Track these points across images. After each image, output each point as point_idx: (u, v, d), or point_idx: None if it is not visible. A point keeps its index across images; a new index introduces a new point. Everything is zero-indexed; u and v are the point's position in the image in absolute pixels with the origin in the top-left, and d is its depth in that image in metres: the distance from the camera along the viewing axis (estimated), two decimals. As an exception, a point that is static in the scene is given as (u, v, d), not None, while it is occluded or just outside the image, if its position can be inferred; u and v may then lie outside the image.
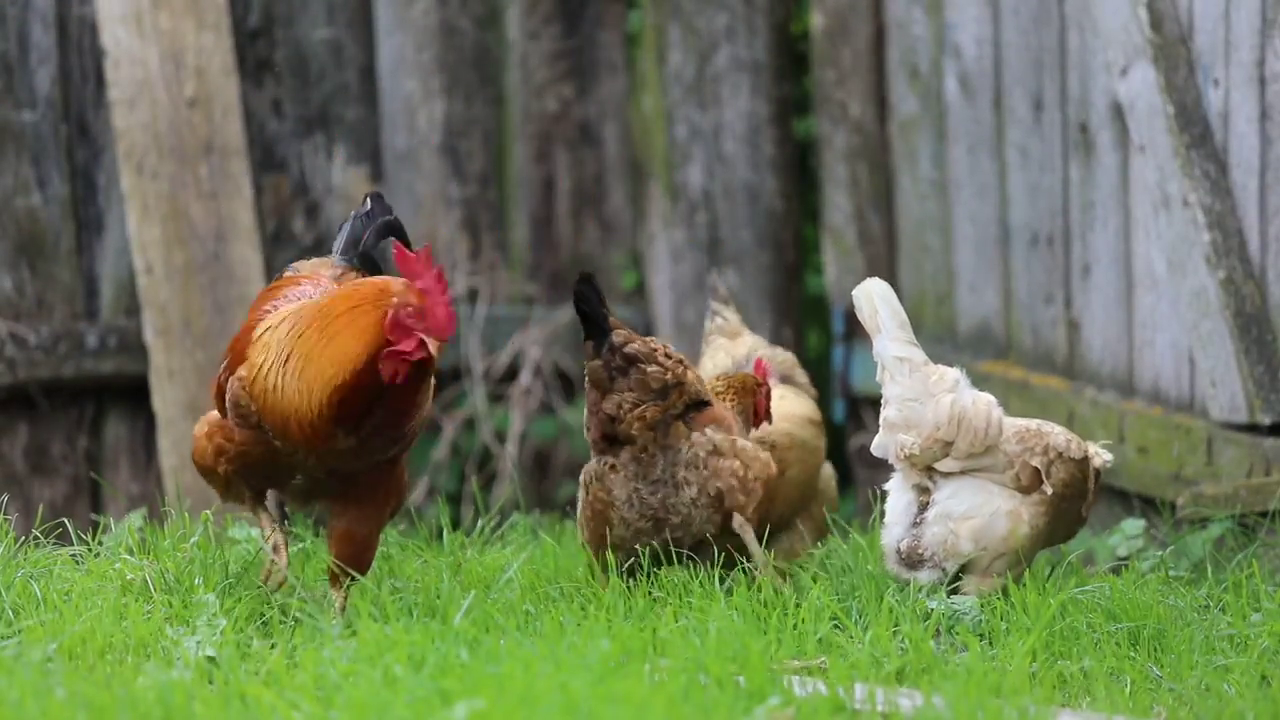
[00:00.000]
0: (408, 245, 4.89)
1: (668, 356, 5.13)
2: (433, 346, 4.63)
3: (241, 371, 4.78)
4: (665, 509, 5.12)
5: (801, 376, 5.87)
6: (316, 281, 5.01)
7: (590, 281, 5.10)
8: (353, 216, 5.17)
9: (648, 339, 5.16)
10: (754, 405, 5.42)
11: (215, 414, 4.90)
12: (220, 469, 4.87)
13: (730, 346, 5.88)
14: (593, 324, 5.09)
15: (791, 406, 5.64)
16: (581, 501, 5.21)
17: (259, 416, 4.76)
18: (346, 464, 4.80)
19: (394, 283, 4.70)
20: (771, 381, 5.61)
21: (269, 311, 4.90)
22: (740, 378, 5.48)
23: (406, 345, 4.64)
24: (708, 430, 5.15)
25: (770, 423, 5.47)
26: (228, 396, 4.81)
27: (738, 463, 5.14)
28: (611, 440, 5.13)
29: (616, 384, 5.09)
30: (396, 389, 4.69)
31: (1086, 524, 5.41)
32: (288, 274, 5.09)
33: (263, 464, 4.83)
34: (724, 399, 5.37)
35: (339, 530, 4.89)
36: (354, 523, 4.89)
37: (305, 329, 4.72)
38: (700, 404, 5.18)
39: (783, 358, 5.85)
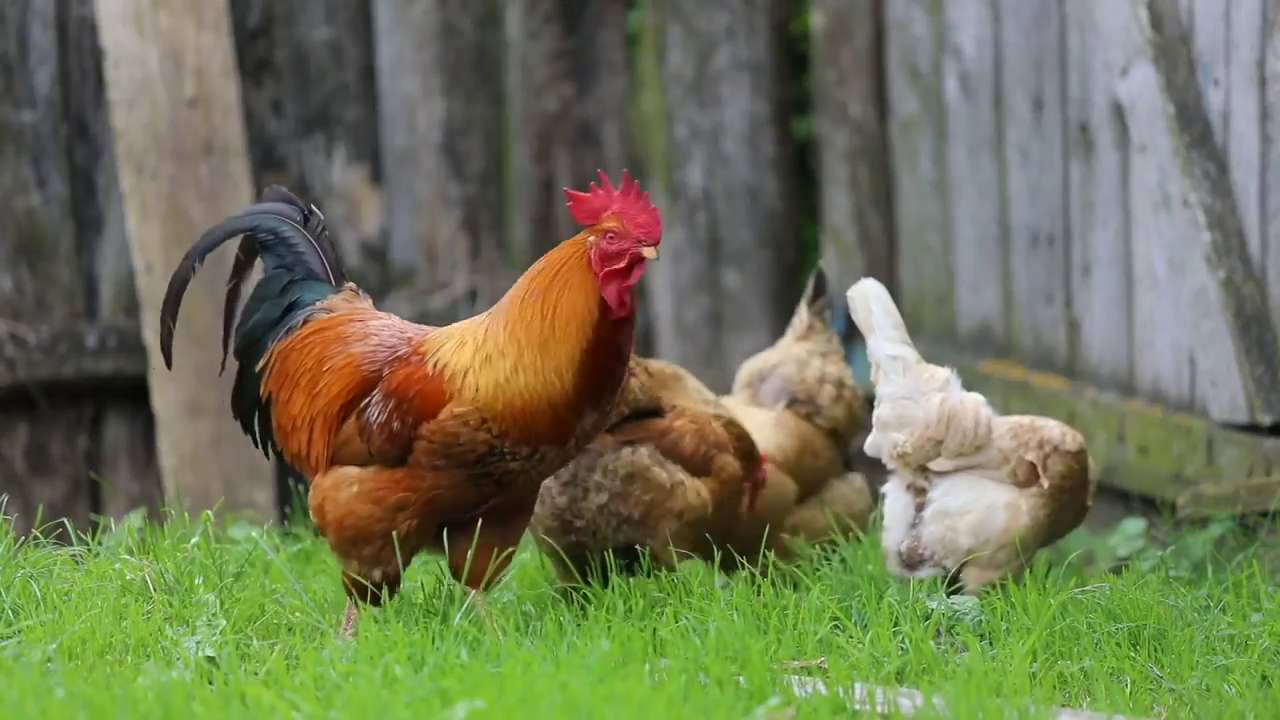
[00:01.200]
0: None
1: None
2: (649, 252, 4.53)
3: (477, 403, 4.55)
4: (572, 512, 5.06)
5: (825, 397, 5.77)
6: (373, 315, 4.77)
7: None
8: (299, 236, 4.87)
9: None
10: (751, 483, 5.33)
11: (351, 471, 4.63)
12: (402, 525, 4.62)
13: (790, 346, 5.82)
14: None
15: (769, 433, 5.56)
16: None
17: (507, 433, 4.54)
18: (571, 455, 4.68)
19: (576, 237, 4.59)
20: (777, 407, 5.54)
21: (376, 351, 4.66)
22: (750, 442, 5.31)
23: (618, 266, 4.53)
24: (640, 450, 5.07)
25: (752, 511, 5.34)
26: (435, 440, 4.57)
27: (650, 496, 5.04)
28: None
29: None
30: (619, 335, 4.56)
31: (1084, 523, 5.42)
32: (322, 316, 4.77)
33: (452, 499, 4.62)
34: (728, 433, 5.24)
35: (510, 534, 4.75)
36: (523, 523, 4.80)
37: (520, 322, 4.55)
38: (648, 413, 5.10)
39: (815, 375, 5.76)
